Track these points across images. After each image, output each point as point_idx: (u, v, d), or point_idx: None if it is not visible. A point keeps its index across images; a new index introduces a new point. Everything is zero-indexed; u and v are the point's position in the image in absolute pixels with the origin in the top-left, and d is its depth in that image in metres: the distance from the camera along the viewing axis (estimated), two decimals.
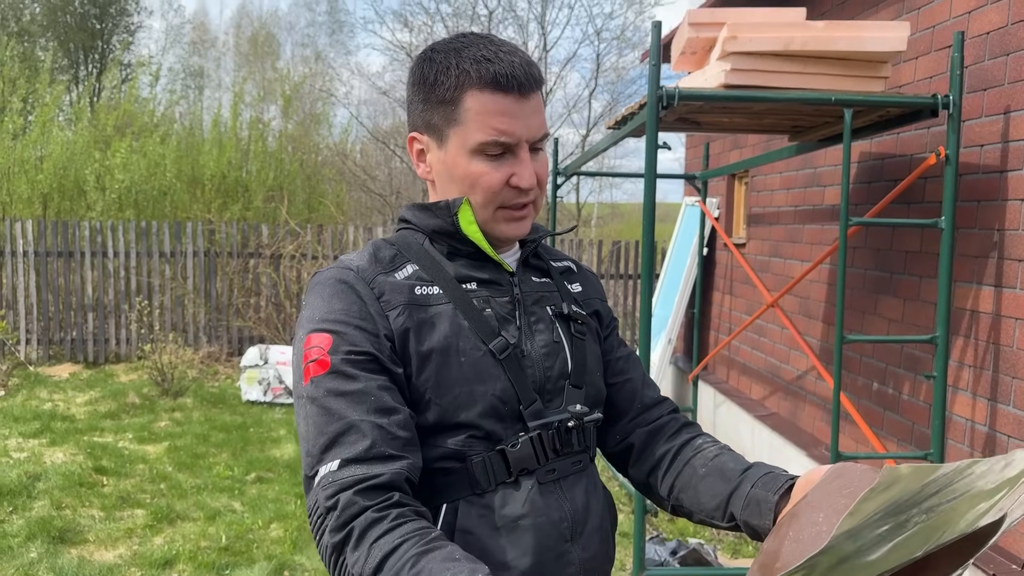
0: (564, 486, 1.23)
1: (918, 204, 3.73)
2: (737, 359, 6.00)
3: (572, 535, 1.22)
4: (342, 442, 1.08)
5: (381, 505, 1.04)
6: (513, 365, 1.21)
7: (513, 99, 1.17)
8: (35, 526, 4.33)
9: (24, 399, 7.23)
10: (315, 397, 1.12)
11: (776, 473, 1.17)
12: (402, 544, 1.01)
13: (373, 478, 1.06)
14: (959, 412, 3.43)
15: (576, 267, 1.44)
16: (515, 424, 1.20)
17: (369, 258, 1.23)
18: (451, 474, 1.17)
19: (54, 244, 8.81)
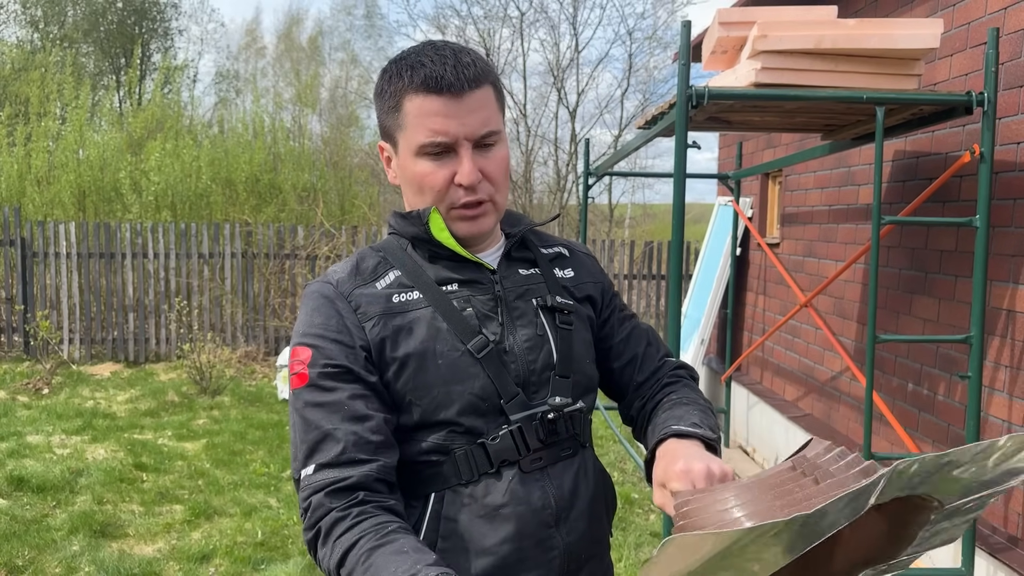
0: (551, 473, 1.28)
1: (953, 203, 3.69)
2: (771, 360, 5.96)
3: (556, 520, 1.26)
4: (318, 449, 1.18)
5: (345, 505, 1.14)
6: (493, 362, 1.26)
7: (446, 99, 1.20)
8: (77, 520, 4.44)
9: (67, 397, 7.41)
10: (297, 408, 1.22)
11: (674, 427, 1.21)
12: (359, 540, 1.11)
13: (342, 480, 1.16)
14: (995, 413, 3.38)
15: (568, 251, 1.46)
16: (497, 418, 1.25)
17: (351, 270, 1.29)
18: (437, 466, 1.24)
19: (96, 246, 9.01)
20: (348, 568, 1.10)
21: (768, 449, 5.57)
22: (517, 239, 1.37)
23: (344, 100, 17.79)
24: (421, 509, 1.25)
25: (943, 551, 3.56)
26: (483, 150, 1.25)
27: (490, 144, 1.25)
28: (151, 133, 12.17)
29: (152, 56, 21.17)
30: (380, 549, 1.09)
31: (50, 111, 12.63)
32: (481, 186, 1.25)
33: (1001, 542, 3.27)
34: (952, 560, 3.47)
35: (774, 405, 5.52)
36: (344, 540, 1.12)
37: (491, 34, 16.95)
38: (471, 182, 1.22)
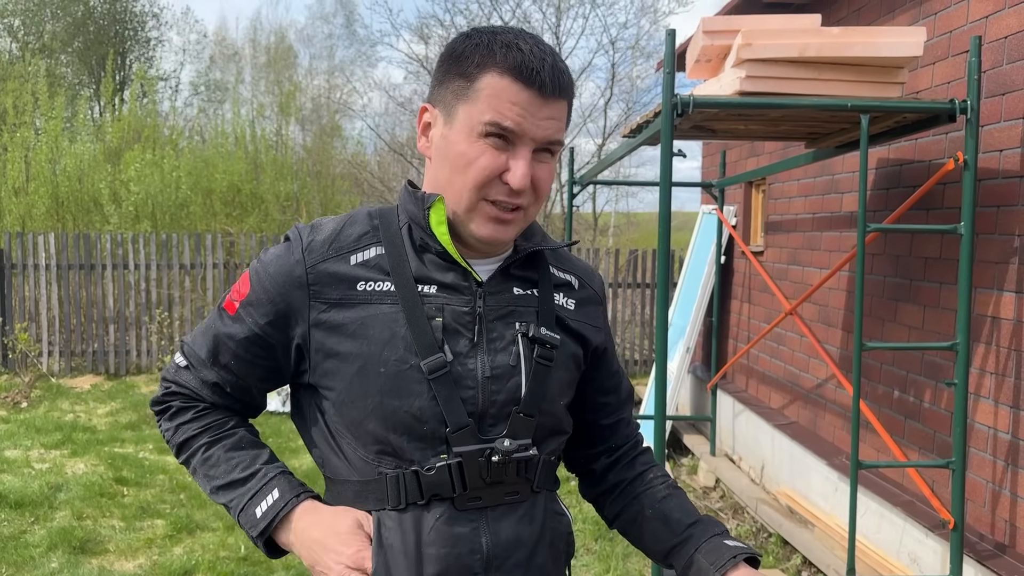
0: (490, 516, 1.17)
1: (937, 210, 3.70)
2: (756, 368, 5.96)
3: (486, 568, 1.16)
4: (197, 361, 1.25)
5: (191, 403, 1.27)
6: (445, 384, 1.15)
7: (531, 94, 1.12)
8: (56, 536, 4.36)
9: (46, 410, 7.30)
10: (215, 319, 1.26)
11: (720, 543, 1.24)
12: (200, 433, 1.25)
13: (195, 395, 1.27)
14: (981, 420, 3.39)
15: (579, 283, 1.34)
16: (437, 445, 1.15)
17: (331, 234, 1.22)
18: (371, 484, 1.19)
19: (75, 257, 8.91)
20: (190, 451, 1.25)
21: (754, 458, 5.57)
22: (523, 256, 1.25)
23: (327, 109, 17.74)
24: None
25: (931, 558, 3.56)
26: (540, 156, 1.16)
27: (549, 153, 1.17)
28: (128, 143, 12.07)
29: (132, 66, 21.03)
30: (219, 443, 1.24)
31: (26, 121, 12.51)
32: (525, 193, 1.15)
33: (988, 549, 3.27)
34: (941, 567, 3.46)
35: (760, 413, 5.52)
36: (187, 427, 1.25)
37: None
38: (521, 186, 1.13)
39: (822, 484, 4.55)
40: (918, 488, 3.65)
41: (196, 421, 1.25)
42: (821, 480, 4.56)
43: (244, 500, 1.20)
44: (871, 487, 4.02)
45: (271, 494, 1.19)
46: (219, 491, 1.22)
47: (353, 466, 1.19)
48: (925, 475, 3.68)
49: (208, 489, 1.24)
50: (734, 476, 5.53)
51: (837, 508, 4.35)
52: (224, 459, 1.22)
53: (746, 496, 5.12)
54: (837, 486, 4.35)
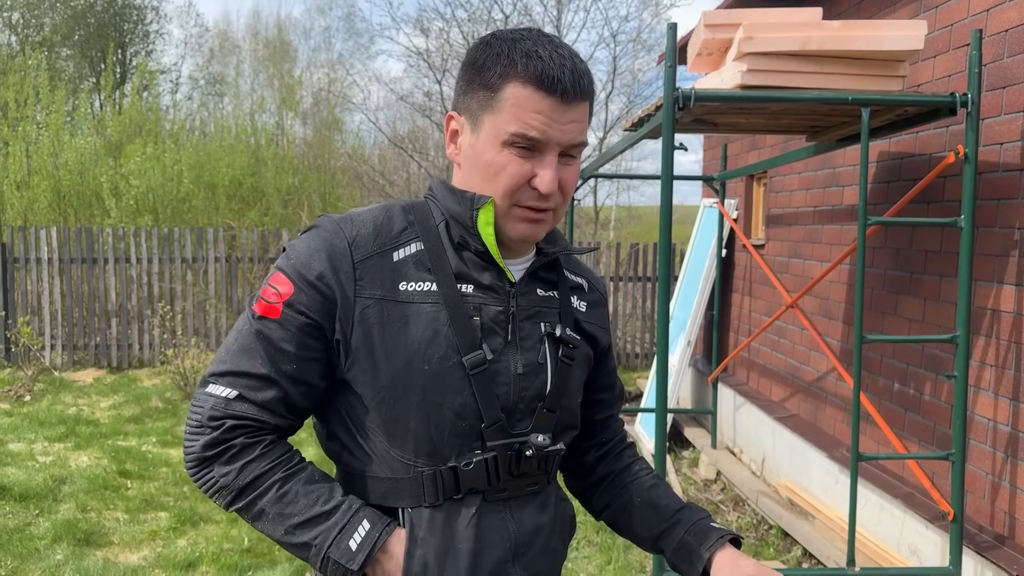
0: (513, 506, 1.23)
1: (938, 203, 3.71)
2: (757, 361, 5.98)
3: (514, 556, 1.22)
4: (249, 382, 1.17)
5: (257, 436, 1.18)
6: (484, 381, 1.19)
7: (554, 101, 1.15)
8: (61, 528, 4.39)
9: (49, 404, 7.33)
10: (257, 330, 1.18)
11: (707, 525, 1.33)
12: (272, 469, 1.16)
13: (260, 423, 1.17)
14: (981, 412, 3.40)
15: (589, 286, 1.41)
16: (472, 440, 1.19)
17: (374, 229, 1.21)
18: (399, 482, 1.19)
19: (77, 251, 8.92)
20: (258, 491, 1.15)
21: (755, 450, 5.59)
22: (547, 260, 1.30)
23: (327, 103, 17.73)
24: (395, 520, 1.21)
25: (931, 550, 3.58)
26: (565, 159, 1.20)
27: (573, 156, 1.21)
28: (130, 137, 12.07)
29: (132, 60, 21.01)
30: (294, 478, 1.17)
31: (27, 115, 12.51)
32: (553, 195, 1.19)
33: (988, 540, 3.29)
34: (940, 559, 3.48)
35: (760, 406, 5.54)
36: (255, 465, 1.16)
37: (476, 37, 16.95)
38: (550, 191, 1.17)
39: (823, 476, 4.57)
40: (918, 480, 3.67)
41: (265, 457, 1.17)
42: (822, 472, 4.58)
43: (333, 534, 1.14)
44: (871, 479, 4.04)
45: (362, 524, 1.15)
46: (299, 528, 1.15)
47: (385, 463, 1.19)
48: (925, 467, 3.69)
49: (283, 529, 1.15)
50: (735, 469, 5.56)
51: (837, 500, 4.37)
52: (303, 493, 1.16)
53: (747, 488, 5.14)
54: (837, 478, 4.37)
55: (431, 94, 17.21)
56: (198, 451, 1.17)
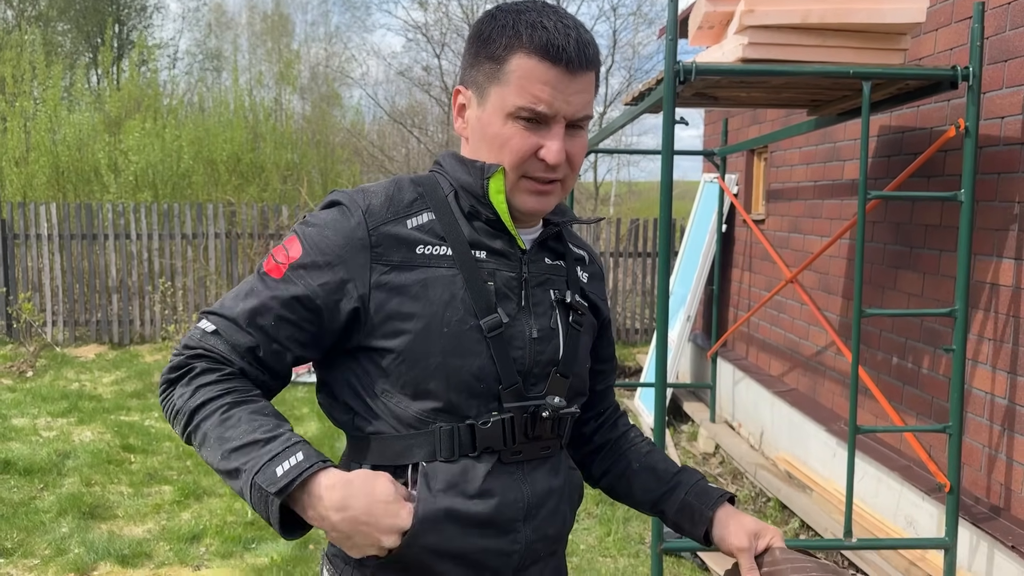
0: (527, 468, 1.25)
1: (938, 177, 3.71)
2: (756, 335, 6.00)
3: (525, 516, 1.24)
4: (230, 325, 1.18)
5: (219, 366, 1.18)
6: (500, 344, 1.21)
7: (559, 72, 1.15)
8: (66, 502, 4.43)
9: (52, 379, 7.36)
10: (256, 282, 1.21)
11: (706, 486, 1.38)
12: (223, 395, 1.15)
13: (226, 359, 1.18)
14: (979, 385, 3.42)
15: (589, 258, 1.43)
16: (489, 402, 1.21)
17: (386, 199, 1.22)
18: (416, 437, 1.20)
19: (77, 227, 8.92)
20: (204, 414, 1.14)
21: (754, 424, 5.63)
22: (557, 229, 1.32)
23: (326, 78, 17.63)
24: (400, 480, 1.19)
25: (927, 521, 3.62)
26: (573, 131, 1.21)
27: (580, 127, 1.22)
28: (129, 113, 12.02)
29: (129, 35, 20.85)
30: (242, 406, 1.14)
31: (24, 91, 12.45)
32: (561, 167, 1.20)
33: (984, 512, 3.32)
34: (936, 530, 3.52)
35: (759, 380, 5.57)
36: (209, 389, 1.15)
37: (475, 10, 16.82)
38: (557, 162, 1.18)
39: (821, 449, 4.61)
40: (915, 453, 3.70)
41: (221, 383, 1.16)
42: (820, 446, 4.62)
43: (263, 460, 1.08)
44: (869, 452, 4.07)
45: (295, 455, 1.08)
46: (233, 453, 1.10)
47: (403, 422, 1.20)
48: (922, 440, 3.73)
49: (220, 453, 1.11)
50: (733, 442, 5.60)
51: (835, 473, 4.41)
52: (247, 419, 1.12)
53: (745, 462, 5.19)
54: (835, 451, 4.41)
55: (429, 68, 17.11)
56: (165, 372, 1.21)
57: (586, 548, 4.09)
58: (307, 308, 1.18)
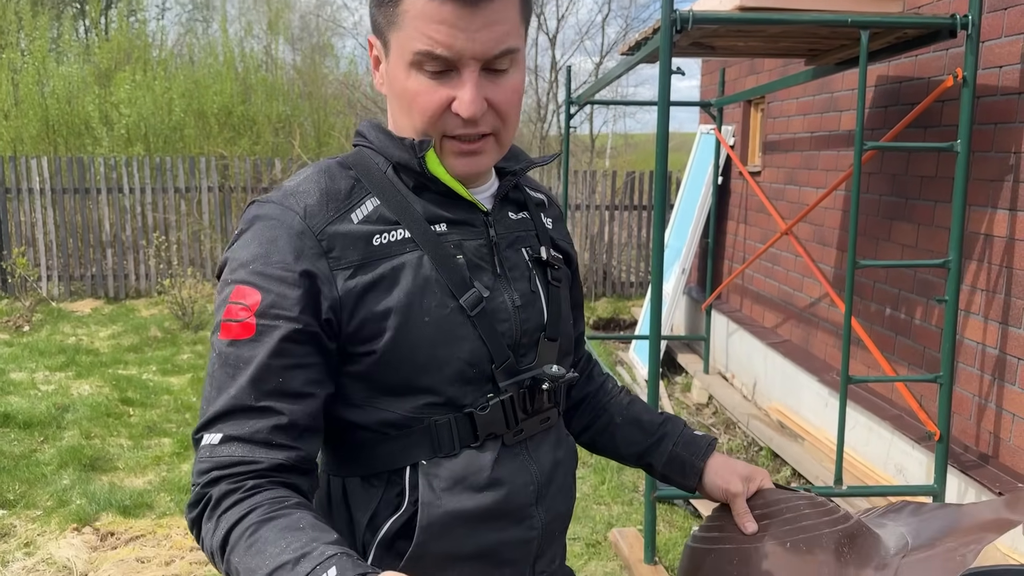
0: (531, 446, 1.15)
1: (935, 128, 3.69)
2: (751, 288, 6.02)
3: (537, 498, 1.14)
4: (234, 420, 0.98)
5: (240, 481, 0.95)
6: (485, 321, 1.09)
7: (456, 6, 0.96)
8: (66, 455, 4.48)
9: (48, 334, 7.38)
10: (228, 360, 1.00)
11: (691, 435, 1.34)
12: (248, 513, 0.92)
13: (250, 464, 0.96)
14: (970, 336, 3.45)
15: (548, 201, 1.31)
16: (484, 385, 1.10)
17: (321, 195, 1.05)
18: (410, 435, 1.07)
19: (69, 181, 8.85)
20: (231, 545, 0.91)
21: (747, 375, 5.68)
22: (515, 181, 1.18)
23: (317, 28, 17.35)
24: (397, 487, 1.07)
25: (916, 469, 3.68)
26: (493, 75, 1.02)
27: (502, 69, 1.02)
28: (119, 65, 11.85)
29: None
30: (270, 523, 0.90)
31: (11, 42, 12.24)
32: (485, 118, 1.03)
33: (972, 459, 3.38)
34: (926, 477, 3.59)
35: (753, 332, 5.60)
36: (231, 514, 0.93)
37: None
38: (472, 114, 1.01)
39: (813, 400, 4.66)
40: (906, 402, 3.74)
41: (243, 502, 0.94)
42: (812, 396, 4.67)
43: None
44: (860, 402, 4.12)
45: (327, 572, 0.84)
46: None
47: (393, 425, 1.07)
48: (913, 389, 3.77)
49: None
50: (727, 393, 5.66)
51: (827, 422, 4.47)
52: (274, 540, 0.88)
53: (738, 412, 5.25)
54: (827, 401, 4.46)
55: None
56: (186, 512, 0.99)
57: (581, 496, 4.16)
58: (303, 342, 1.01)
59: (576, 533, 3.76)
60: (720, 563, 1.16)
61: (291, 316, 1.00)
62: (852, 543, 1.13)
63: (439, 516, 1.06)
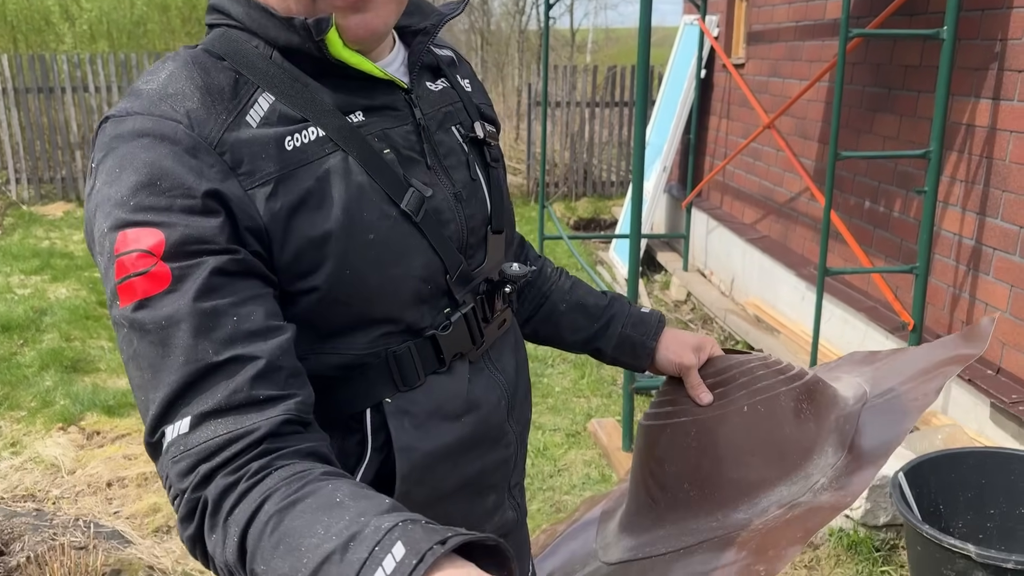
0: (493, 356, 1.03)
1: (920, 15, 3.61)
2: (731, 184, 6.00)
3: (509, 411, 1.04)
4: (196, 390, 0.74)
5: (239, 469, 0.72)
6: (431, 225, 0.91)
7: None
8: (47, 357, 4.48)
9: (21, 238, 7.27)
10: (145, 326, 0.74)
11: (638, 313, 1.25)
12: (264, 503, 0.69)
13: (246, 435, 0.73)
14: (948, 227, 3.47)
15: (456, 58, 1.09)
16: (440, 301, 0.95)
17: (202, 95, 0.81)
18: (366, 374, 0.90)
19: (32, 80, 8.55)
20: (251, 551, 0.68)
21: (725, 272, 5.72)
22: (428, 41, 0.96)
23: None
24: (357, 434, 0.91)
25: None
26: None
27: None
28: None
29: None
30: (296, 508, 0.67)
31: None
32: None
33: None
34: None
35: (733, 228, 5.61)
36: (240, 512, 0.70)
37: None
38: None
39: (790, 294, 4.72)
40: (881, 294, 3.79)
41: (252, 492, 0.70)
42: (789, 290, 4.72)
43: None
44: (836, 295, 4.18)
45: (390, 553, 0.61)
46: None
47: (342, 368, 0.90)
48: (889, 281, 3.81)
49: None
50: (705, 290, 5.71)
51: (803, 316, 4.53)
52: (306, 530, 0.65)
53: (715, 308, 5.31)
54: (804, 295, 4.52)
55: None
56: (180, 532, 0.75)
57: (561, 390, 4.23)
58: (244, 274, 0.79)
59: (556, 424, 3.85)
60: (677, 437, 1.12)
61: (217, 247, 0.76)
62: (810, 399, 1.10)
63: (420, 459, 0.92)
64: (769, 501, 1.03)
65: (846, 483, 0.98)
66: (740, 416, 1.09)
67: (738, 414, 1.09)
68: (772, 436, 1.07)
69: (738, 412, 1.09)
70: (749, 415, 1.08)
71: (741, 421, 1.08)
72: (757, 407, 1.09)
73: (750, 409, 1.09)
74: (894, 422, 1.03)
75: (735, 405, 1.10)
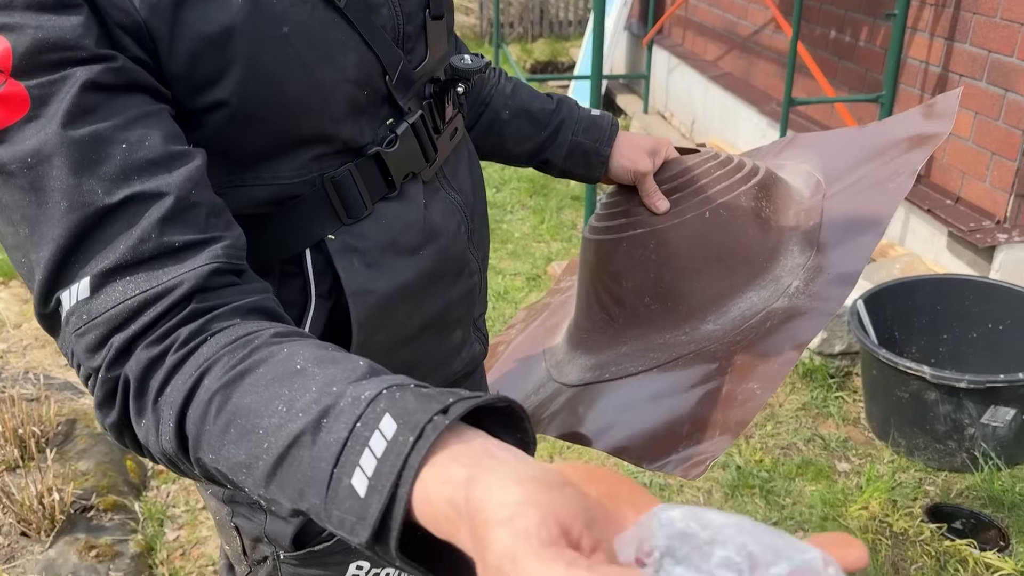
0: (448, 174, 0.89)
1: None
2: (693, 19, 5.76)
3: (469, 236, 0.92)
4: (89, 242, 0.58)
5: (163, 337, 0.58)
6: (358, 9, 0.73)
7: None
8: None
9: None
10: (7, 168, 0.58)
11: (589, 117, 1.13)
12: (203, 379, 0.55)
13: (165, 294, 0.58)
14: (915, 55, 3.37)
15: None
16: (380, 109, 0.80)
17: None
18: (299, 207, 0.76)
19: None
20: (194, 438, 0.55)
21: (686, 113, 5.59)
22: None
23: None
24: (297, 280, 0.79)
25: None
26: None
27: None
28: None
29: None
30: (244, 382, 0.54)
31: None
32: None
33: None
34: None
35: (694, 66, 5.44)
36: (173, 392, 0.56)
37: None
38: None
39: (751, 131, 4.63)
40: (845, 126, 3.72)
41: (184, 367, 0.57)
42: (751, 127, 4.63)
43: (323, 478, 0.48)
44: (799, 129, 4.10)
45: (376, 433, 0.47)
46: (272, 481, 0.51)
47: (270, 202, 0.75)
48: (853, 112, 3.73)
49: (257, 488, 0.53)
50: (665, 131, 5.60)
51: None
52: (262, 408, 0.52)
53: None
54: (765, 132, 4.43)
55: None
56: (102, 423, 0.61)
57: (520, 236, 4.18)
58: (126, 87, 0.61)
59: (517, 269, 3.81)
60: (634, 251, 1.02)
61: (84, 53, 0.59)
62: (768, 197, 1.02)
63: (377, 302, 0.80)
64: (739, 309, 0.96)
65: (824, 287, 0.91)
66: (702, 223, 1.00)
67: (699, 221, 1.00)
68: (736, 240, 0.99)
69: (699, 219, 1.00)
70: (711, 221, 1.00)
71: (702, 228, 1.00)
72: (719, 211, 1.00)
73: (712, 215, 1.00)
74: (867, 213, 0.94)
75: (696, 211, 1.01)
